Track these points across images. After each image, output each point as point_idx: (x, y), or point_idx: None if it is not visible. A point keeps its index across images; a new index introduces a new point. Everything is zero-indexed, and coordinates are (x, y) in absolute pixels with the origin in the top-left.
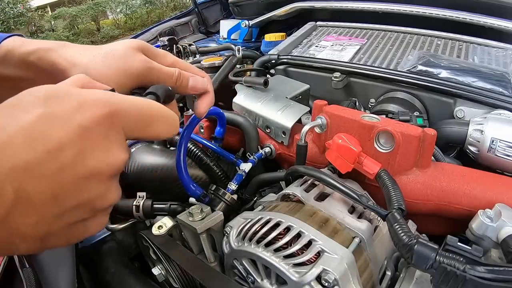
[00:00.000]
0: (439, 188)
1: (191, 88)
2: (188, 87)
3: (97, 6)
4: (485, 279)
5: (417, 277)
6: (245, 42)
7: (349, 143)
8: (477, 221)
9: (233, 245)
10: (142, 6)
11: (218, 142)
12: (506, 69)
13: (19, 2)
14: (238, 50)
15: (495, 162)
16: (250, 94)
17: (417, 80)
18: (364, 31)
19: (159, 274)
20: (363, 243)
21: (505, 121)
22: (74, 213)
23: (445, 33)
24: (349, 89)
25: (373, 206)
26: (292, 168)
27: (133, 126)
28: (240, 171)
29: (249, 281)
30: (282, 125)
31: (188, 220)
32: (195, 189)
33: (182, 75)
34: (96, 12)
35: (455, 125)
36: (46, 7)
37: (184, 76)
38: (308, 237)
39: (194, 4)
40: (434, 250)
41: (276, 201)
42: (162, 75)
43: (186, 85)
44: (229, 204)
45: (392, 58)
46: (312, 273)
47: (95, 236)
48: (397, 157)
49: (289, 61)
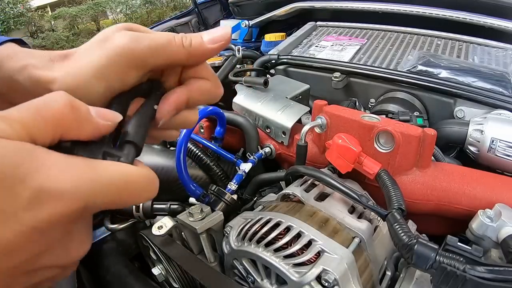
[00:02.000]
0: (439, 188)
1: (209, 40)
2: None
3: (97, 6)
4: (485, 279)
5: (417, 277)
6: (245, 42)
7: (349, 143)
8: (477, 221)
9: (233, 245)
10: (142, 6)
11: (218, 142)
12: (506, 69)
13: (19, 2)
14: (238, 50)
15: (495, 162)
16: (250, 94)
17: (417, 80)
18: (364, 31)
19: (159, 274)
20: (363, 243)
21: (505, 121)
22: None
23: (445, 33)
24: (349, 89)
25: (373, 206)
26: (292, 168)
27: (104, 207)
28: (240, 171)
29: (249, 281)
30: (282, 125)
31: (188, 220)
32: (195, 189)
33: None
34: (96, 12)
35: (455, 125)
36: (46, 7)
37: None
38: (308, 237)
39: (194, 4)
40: (434, 250)
41: (276, 201)
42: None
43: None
44: (229, 204)
45: (392, 58)
46: (312, 273)
47: (95, 236)
48: (397, 157)
49: (289, 61)
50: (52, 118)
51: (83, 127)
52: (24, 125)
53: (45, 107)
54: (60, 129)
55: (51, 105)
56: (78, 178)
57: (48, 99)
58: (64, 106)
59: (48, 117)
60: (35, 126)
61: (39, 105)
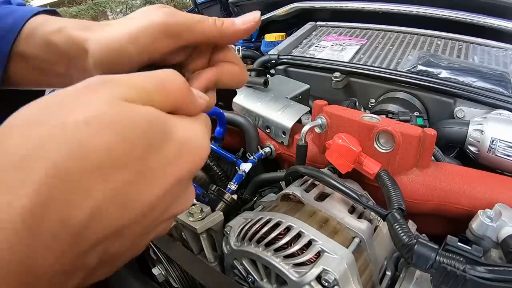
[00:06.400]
0: (439, 188)
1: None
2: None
3: (97, 6)
4: (485, 279)
5: (417, 277)
6: (245, 42)
7: (349, 143)
8: (477, 221)
9: (233, 245)
10: (142, 6)
11: (218, 142)
12: (506, 69)
13: None
14: (238, 50)
15: (495, 162)
16: (250, 94)
17: (417, 80)
18: (364, 31)
19: (159, 274)
20: (363, 243)
21: (505, 121)
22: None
23: (445, 33)
24: (349, 89)
25: (373, 206)
26: (292, 168)
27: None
28: (240, 171)
29: (249, 281)
30: (282, 125)
31: (188, 220)
32: (195, 189)
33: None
34: (96, 12)
35: (455, 125)
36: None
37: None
38: (308, 237)
39: (194, 4)
40: (434, 250)
41: (276, 201)
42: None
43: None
44: (229, 204)
45: (392, 58)
46: (312, 273)
47: None
48: (397, 157)
49: (289, 61)
50: (174, 93)
51: (192, 106)
52: (149, 94)
53: (169, 81)
54: (176, 104)
55: (174, 80)
56: (204, 133)
57: (167, 73)
58: (184, 84)
59: (171, 90)
60: (159, 96)
61: (164, 77)
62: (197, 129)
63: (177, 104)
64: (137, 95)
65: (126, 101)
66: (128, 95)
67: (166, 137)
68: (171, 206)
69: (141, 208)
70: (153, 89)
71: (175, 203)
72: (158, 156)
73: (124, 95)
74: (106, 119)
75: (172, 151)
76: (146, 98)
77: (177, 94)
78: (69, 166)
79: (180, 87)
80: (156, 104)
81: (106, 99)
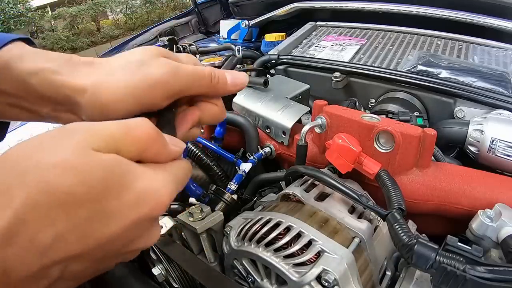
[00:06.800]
0: (439, 188)
1: (231, 83)
2: (227, 84)
3: (97, 6)
4: (485, 279)
5: (417, 277)
6: (245, 42)
7: (349, 143)
8: (477, 221)
9: (233, 245)
10: (142, 6)
11: (218, 142)
12: (506, 69)
13: (19, 2)
14: (238, 50)
15: (495, 162)
16: (250, 94)
17: (417, 80)
18: (364, 31)
19: (159, 274)
20: (363, 243)
21: (505, 121)
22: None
23: (445, 33)
24: (349, 89)
25: (373, 206)
26: (292, 168)
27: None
28: (240, 171)
29: (249, 281)
30: (282, 125)
31: (188, 220)
32: (195, 189)
33: (217, 72)
34: (96, 12)
35: (455, 125)
36: (46, 7)
37: (219, 73)
38: (308, 237)
39: (194, 4)
40: (434, 250)
41: (276, 201)
42: (191, 76)
43: (225, 82)
44: (229, 204)
45: (392, 58)
46: (312, 273)
47: None
48: (397, 157)
49: (289, 61)
50: (141, 140)
51: (162, 153)
52: (116, 142)
53: (136, 129)
54: (143, 151)
55: (141, 128)
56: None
57: (137, 122)
58: (153, 131)
59: (138, 138)
60: (125, 143)
61: (132, 126)
62: (159, 179)
63: (145, 151)
64: (103, 143)
65: (92, 149)
66: (94, 144)
67: (125, 185)
68: (132, 242)
69: (99, 240)
70: (120, 137)
71: (137, 239)
72: (116, 200)
73: (91, 143)
74: (69, 164)
75: (131, 198)
76: (113, 146)
77: (144, 142)
78: (39, 199)
79: (148, 135)
80: (122, 151)
81: (74, 147)
